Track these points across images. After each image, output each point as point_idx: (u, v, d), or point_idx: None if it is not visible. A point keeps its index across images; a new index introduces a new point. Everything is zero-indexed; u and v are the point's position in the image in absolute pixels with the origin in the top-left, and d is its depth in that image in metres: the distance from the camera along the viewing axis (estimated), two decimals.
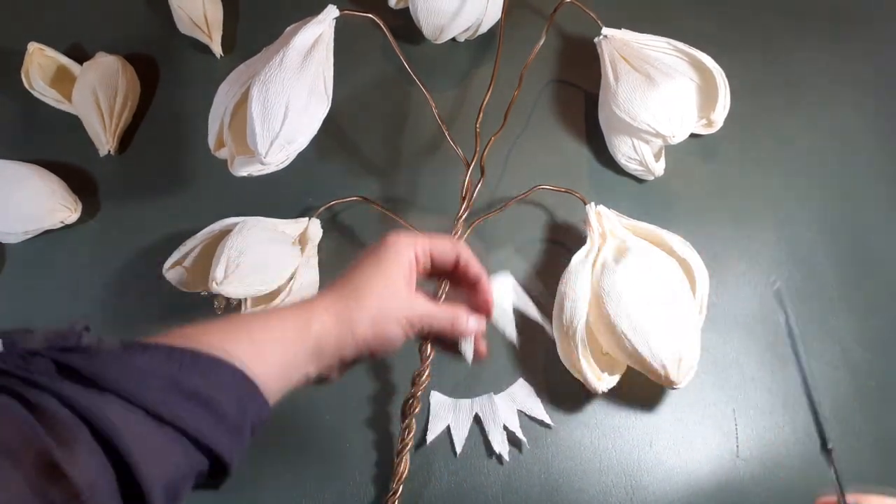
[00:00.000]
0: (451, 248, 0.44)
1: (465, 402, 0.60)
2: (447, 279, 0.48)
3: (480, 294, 0.46)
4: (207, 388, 0.30)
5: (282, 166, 0.61)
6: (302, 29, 0.59)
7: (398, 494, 0.54)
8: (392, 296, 0.40)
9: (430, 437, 0.59)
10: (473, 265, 0.45)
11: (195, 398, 0.29)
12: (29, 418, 0.24)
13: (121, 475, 0.26)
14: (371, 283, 0.40)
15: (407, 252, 0.42)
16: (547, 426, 0.59)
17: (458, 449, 0.59)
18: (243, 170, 0.61)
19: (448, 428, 0.59)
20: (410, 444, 0.55)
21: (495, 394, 0.60)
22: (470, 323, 0.44)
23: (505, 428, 0.59)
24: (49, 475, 0.23)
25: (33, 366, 0.27)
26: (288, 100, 0.56)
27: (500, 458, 0.58)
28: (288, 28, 0.61)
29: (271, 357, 0.35)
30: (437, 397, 0.60)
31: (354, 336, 0.38)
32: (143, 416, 0.27)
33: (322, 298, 0.40)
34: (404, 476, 0.55)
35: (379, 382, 0.62)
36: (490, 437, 0.59)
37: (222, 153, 0.62)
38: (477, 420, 0.60)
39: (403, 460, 0.55)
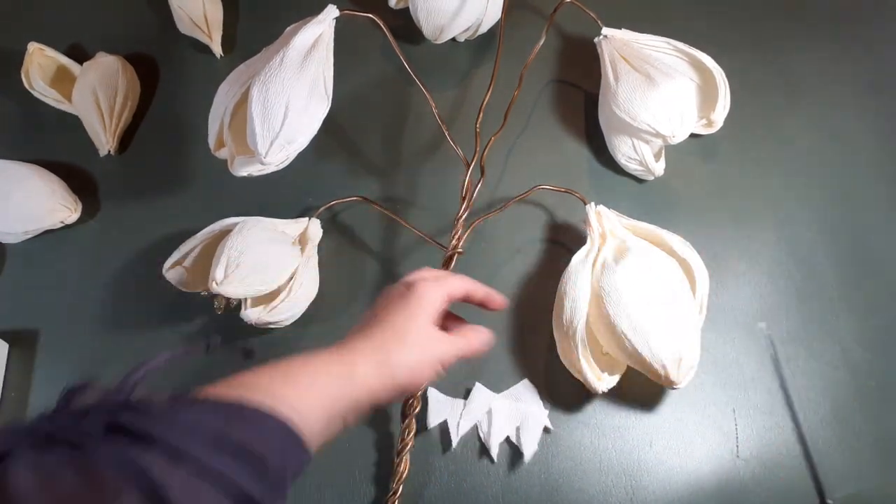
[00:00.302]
0: (461, 286, 0.48)
1: (460, 402, 0.60)
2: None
3: (491, 306, 0.50)
4: (253, 442, 0.31)
5: (282, 166, 0.61)
6: (302, 29, 0.59)
7: (398, 494, 0.54)
8: (428, 342, 0.43)
9: (429, 424, 0.59)
10: (479, 291, 0.49)
11: (240, 453, 0.30)
12: (77, 478, 0.25)
13: None
14: (408, 331, 0.42)
15: (435, 299, 0.45)
16: (547, 430, 0.59)
17: (454, 445, 0.58)
18: (243, 170, 0.61)
19: (446, 422, 0.59)
20: (411, 444, 0.55)
21: (497, 393, 0.60)
22: (482, 344, 0.48)
23: (507, 440, 0.59)
24: None
25: (85, 424, 0.28)
26: (288, 100, 0.56)
27: (492, 459, 0.58)
28: (288, 28, 0.61)
29: (316, 408, 0.36)
30: (434, 394, 0.60)
31: (394, 383, 0.41)
32: (190, 470, 0.28)
33: (363, 345, 0.42)
34: (404, 476, 0.55)
35: None
36: (489, 447, 0.58)
37: (222, 153, 0.62)
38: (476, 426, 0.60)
39: (403, 460, 0.55)
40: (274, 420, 0.33)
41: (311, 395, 0.36)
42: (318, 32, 0.60)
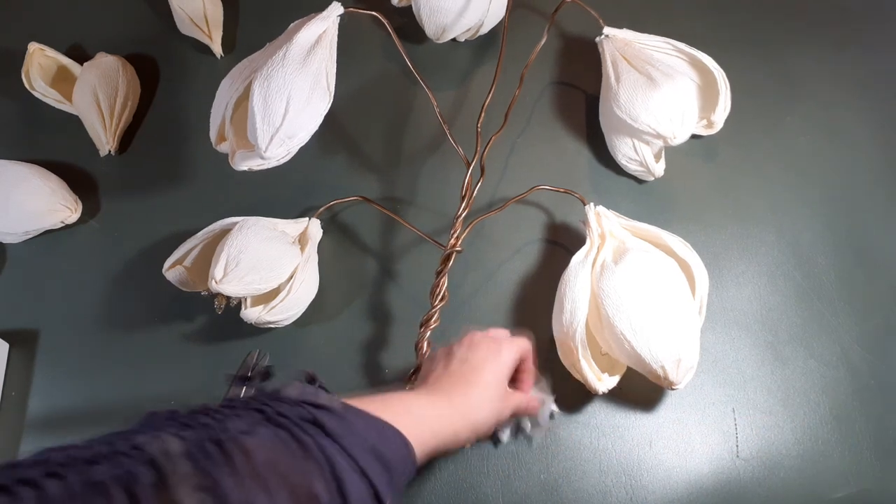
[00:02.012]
0: (527, 353, 0.53)
1: None
2: None
3: (521, 377, 0.54)
4: (391, 453, 0.38)
5: (282, 161, 0.61)
6: (306, 25, 0.59)
7: None
8: (503, 399, 0.50)
9: None
10: (529, 363, 0.54)
11: (383, 461, 0.37)
12: (297, 452, 0.33)
13: None
14: (493, 389, 0.48)
15: (514, 363, 0.51)
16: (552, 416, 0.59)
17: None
18: (244, 164, 0.61)
19: None
20: None
21: None
22: (534, 409, 0.55)
23: (516, 426, 0.59)
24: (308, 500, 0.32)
25: (297, 412, 0.36)
26: (289, 95, 0.56)
27: (496, 442, 0.59)
28: (292, 24, 0.61)
29: (424, 435, 0.43)
30: None
31: (476, 427, 0.47)
32: (354, 467, 0.35)
33: (461, 394, 0.47)
34: None
35: (377, 381, 0.62)
36: (499, 430, 0.59)
37: (223, 147, 0.62)
38: None
39: None
40: (402, 440, 0.40)
41: (422, 425, 0.43)
42: (322, 29, 0.60)
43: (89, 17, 0.81)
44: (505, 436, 0.58)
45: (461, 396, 0.47)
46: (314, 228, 0.65)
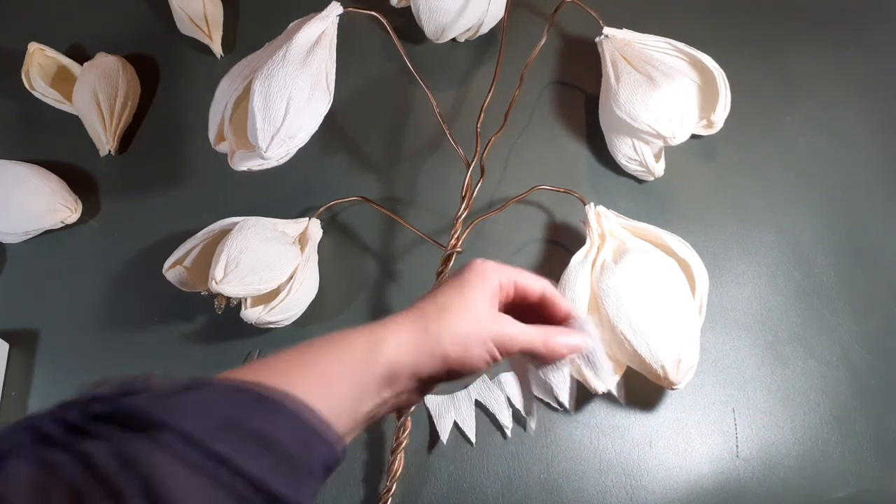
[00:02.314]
0: (537, 281, 0.42)
1: (462, 393, 0.60)
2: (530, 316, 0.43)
3: (547, 319, 0.43)
4: (268, 427, 0.28)
5: (282, 161, 0.61)
6: (305, 25, 0.59)
7: (392, 492, 0.54)
8: (475, 314, 0.38)
9: (443, 437, 0.59)
10: (561, 303, 0.43)
11: (253, 438, 0.28)
12: (77, 480, 0.24)
13: None
14: (453, 302, 0.38)
15: (492, 275, 0.40)
16: (563, 409, 0.59)
17: (473, 439, 0.59)
18: (243, 164, 0.61)
19: (455, 423, 0.59)
20: (405, 442, 0.55)
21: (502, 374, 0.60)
22: (565, 341, 0.41)
23: (510, 403, 0.59)
24: None
25: (91, 411, 0.27)
26: (290, 95, 0.56)
27: (504, 433, 0.59)
28: (291, 24, 0.61)
29: (340, 388, 0.33)
30: (431, 399, 0.60)
31: (433, 353, 0.36)
32: (197, 460, 0.26)
33: (397, 317, 0.37)
34: (398, 474, 0.55)
35: None
36: (497, 415, 0.59)
37: (223, 147, 0.62)
38: (479, 406, 0.60)
39: (398, 459, 0.55)
40: (292, 404, 0.30)
41: (334, 376, 0.33)
42: (322, 29, 0.60)
43: (89, 17, 0.81)
44: (533, 422, 0.54)
45: (406, 321, 0.37)
46: (314, 228, 0.65)
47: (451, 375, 0.37)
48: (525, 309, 0.42)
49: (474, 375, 0.40)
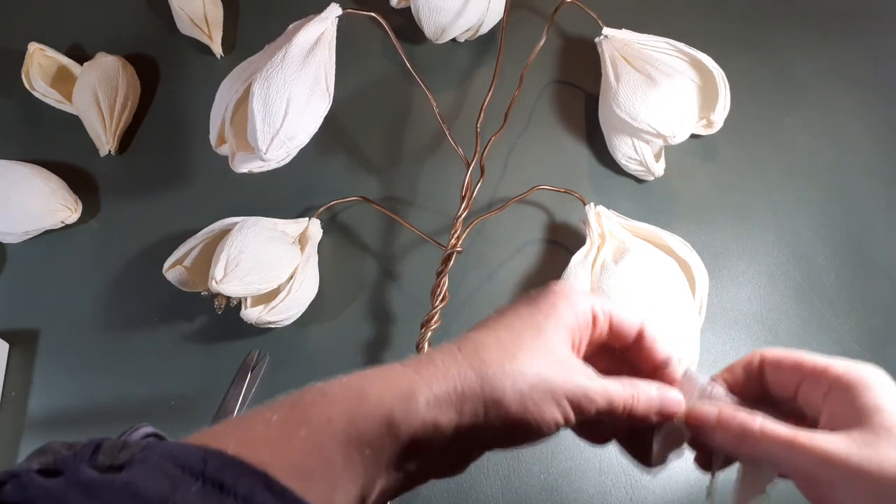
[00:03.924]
0: (637, 315, 0.32)
1: None
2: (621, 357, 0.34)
3: (666, 382, 0.33)
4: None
5: (282, 163, 0.61)
6: (305, 26, 0.59)
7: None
8: (556, 364, 0.27)
9: None
10: (661, 345, 0.33)
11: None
12: None
13: None
14: (524, 339, 0.27)
15: (581, 306, 0.30)
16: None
17: None
18: (244, 166, 0.61)
19: None
20: None
21: None
22: (648, 402, 0.30)
23: None
24: None
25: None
26: (289, 96, 0.56)
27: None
28: (290, 25, 0.61)
29: (329, 450, 0.24)
30: None
31: (487, 416, 0.26)
32: None
33: (435, 354, 0.27)
34: None
35: None
36: None
37: (223, 150, 0.62)
38: None
39: None
40: (244, 470, 0.22)
41: (324, 434, 0.24)
42: (321, 30, 0.60)
43: (89, 17, 0.81)
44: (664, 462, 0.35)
45: (452, 362, 0.27)
46: (314, 228, 0.65)
47: (500, 443, 0.27)
48: (599, 348, 0.33)
49: (529, 444, 0.28)
